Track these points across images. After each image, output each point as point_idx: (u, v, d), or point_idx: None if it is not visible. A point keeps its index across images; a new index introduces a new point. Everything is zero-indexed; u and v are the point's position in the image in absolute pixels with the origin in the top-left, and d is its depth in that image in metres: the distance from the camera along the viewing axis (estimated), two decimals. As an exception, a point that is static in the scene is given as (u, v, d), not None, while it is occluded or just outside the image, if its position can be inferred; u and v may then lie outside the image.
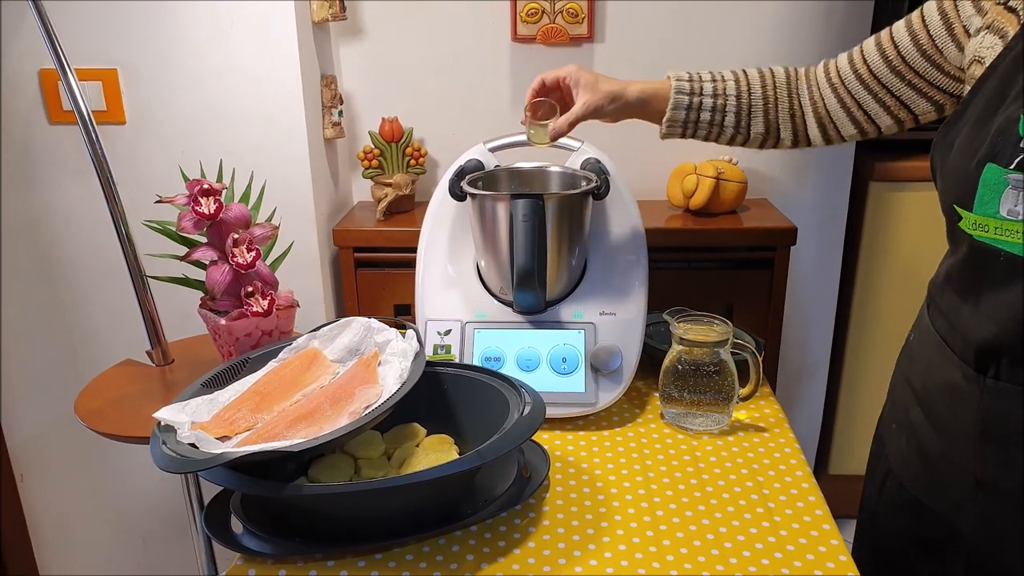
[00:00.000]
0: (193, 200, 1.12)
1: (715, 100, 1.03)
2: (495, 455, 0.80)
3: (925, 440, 0.86)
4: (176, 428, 0.84)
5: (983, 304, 0.76)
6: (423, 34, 1.67)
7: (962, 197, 0.75)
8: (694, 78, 1.04)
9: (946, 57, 0.88)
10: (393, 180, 1.66)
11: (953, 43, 0.86)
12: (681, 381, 1.05)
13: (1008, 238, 0.71)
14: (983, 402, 0.77)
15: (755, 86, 1.03)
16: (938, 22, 0.87)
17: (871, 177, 1.77)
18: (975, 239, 0.74)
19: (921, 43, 0.89)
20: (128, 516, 1.80)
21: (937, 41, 0.88)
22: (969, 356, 0.79)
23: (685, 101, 1.03)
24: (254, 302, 1.15)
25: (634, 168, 1.23)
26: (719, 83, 1.04)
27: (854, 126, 1.00)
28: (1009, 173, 0.70)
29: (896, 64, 0.92)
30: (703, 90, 1.03)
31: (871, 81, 0.96)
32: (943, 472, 0.84)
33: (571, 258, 1.11)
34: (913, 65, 0.91)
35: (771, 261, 1.59)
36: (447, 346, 1.11)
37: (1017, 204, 0.69)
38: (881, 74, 0.94)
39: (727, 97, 1.03)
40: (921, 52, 0.90)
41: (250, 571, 0.81)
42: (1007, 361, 0.75)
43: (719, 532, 0.86)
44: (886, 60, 0.93)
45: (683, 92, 1.03)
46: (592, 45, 1.66)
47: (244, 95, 1.48)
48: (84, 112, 1.18)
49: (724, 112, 1.03)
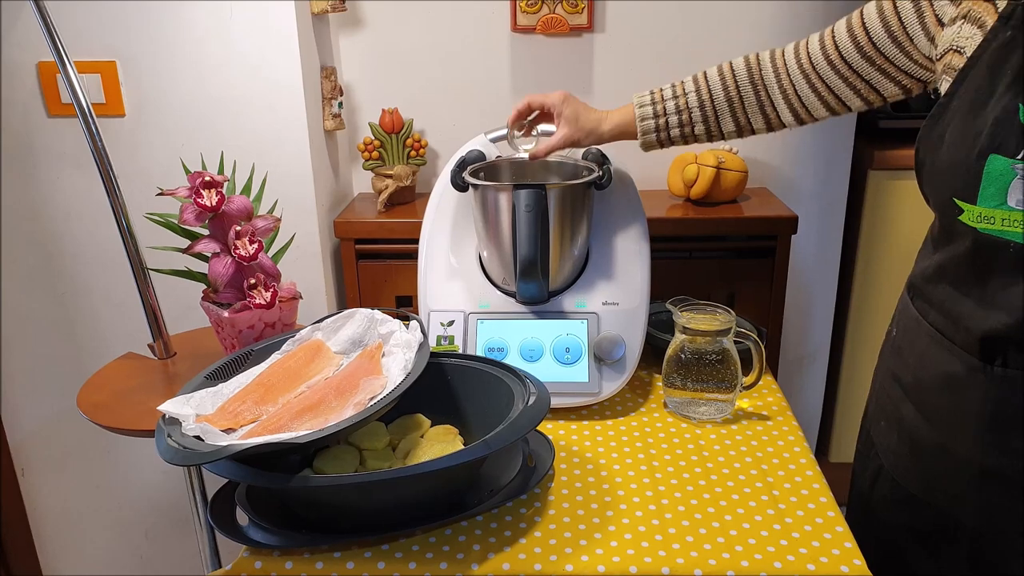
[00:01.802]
0: (195, 192, 1.12)
1: (680, 115, 1.06)
2: (500, 445, 0.80)
3: (918, 434, 0.86)
4: (181, 421, 0.84)
5: (990, 295, 0.76)
6: (423, 25, 1.66)
7: (963, 190, 0.74)
8: (656, 99, 1.08)
9: (915, 45, 0.88)
10: (394, 171, 1.66)
11: (923, 31, 0.86)
12: (684, 370, 1.05)
13: (1017, 228, 0.70)
14: (989, 391, 0.77)
15: (716, 89, 1.05)
16: (910, 9, 0.86)
17: (870, 166, 1.77)
18: (980, 231, 0.74)
19: (892, 29, 0.89)
20: (130, 510, 1.80)
21: (908, 28, 0.88)
22: (973, 346, 0.78)
23: (652, 124, 1.07)
24: (257, 294, 1.15)
25: (635, 158, 1.23)
26: (680, 98, 1.06)
27: (825, 108, 1.01)
28: (1016, 163, 0.69)
29: (866, 49, 0.93)
30: (666, 109, 1.06)
31: (841, 65, 0.96)
32: (940, 465, 0.84)
33: (573, 248, 1.11)
34: (883, 50, 0.91)
35: (772, 250, 1.59)
36: (450, 337, 1.11)
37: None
38: (851, 58, 0.95)
39: (691, 109, 1.06)
40: (891, 38, 0.90)
41: (256, 563, 0.81)
42: (1015, 349, 0.75)
43: (724, 520, 0.86)
44: (856, 44, 0.94)
45: (648, 117, 1.07)
46: (592, 35, 1.66)
47: (244, 87, 1.47)
48: (83, 105, 1.17)
49: (692, 123, 1.06)
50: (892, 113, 1.76)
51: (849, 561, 0.79)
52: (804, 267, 1.83)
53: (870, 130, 1.80)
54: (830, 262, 1.85)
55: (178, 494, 1.77)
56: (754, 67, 1.04)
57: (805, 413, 1.98)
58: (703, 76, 1.06)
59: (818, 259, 1.84)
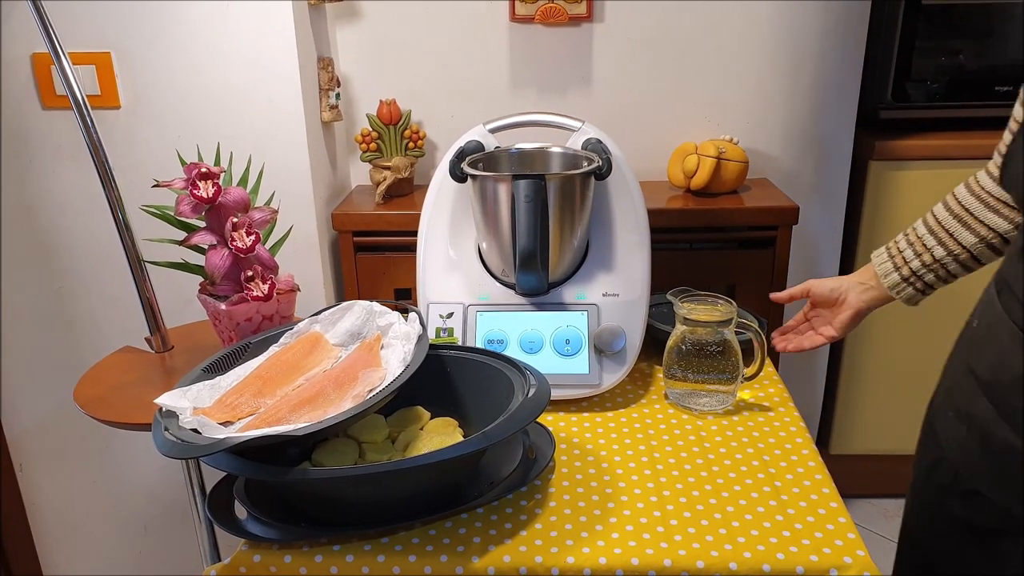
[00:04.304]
0: (191, 184, 1.11)
1: (931, 270, 1.01)
2: (500, 437, 0.79)
3: (992, 431, 0.81)
4: (178, 414, 0.83)
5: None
6: (421, 15, 1.65)
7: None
8: (900, 263, 1.03)
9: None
10: (392, 163, 1.65)
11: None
12: (685, 361, 1.04)
13: None
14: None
15: (960, 233, 0.98)
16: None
17: (871, 156, 1.76)
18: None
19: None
20: (129, 504, 1.80)
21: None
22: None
23: (908, 293, 1.03)
24: (254, 286, 1.14)
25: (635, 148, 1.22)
26: (916, 243, 1.02)
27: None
28: None
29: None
30: (913, 270, 1.02)
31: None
32: (1010, 463, 0.79)
33: (573, 239, 1.10)
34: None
35: (773, 240, 1.58)
36: (449, 329, 1.10)
37: None
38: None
39: (944, 261, 1.00)
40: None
41: (255, 557, 0.81)
42: None
43: (726, 511, 0.85)
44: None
45: (898, 286, 1.04)
46: (591, 25, 1.64)
47: (240, 78, 1.46)
48: (78, 96, 1.16)
49: (948, 270, 1.00)
50: (893, 103, 1.75)
51: (852, 552, 0.79)
52: (805, 258, 1.82)
53: (871, 120, 1.79)
54: (831, 253, 1.85)
55: (177, 488, 1.76)
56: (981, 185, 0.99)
57: (806, 405, 1.97)
58: (934, 222, 1.00)
59: (819, 250, 1.84)
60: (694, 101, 1.71)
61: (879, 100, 1.76)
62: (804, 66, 1.68)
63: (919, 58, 1.72)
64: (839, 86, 1.71)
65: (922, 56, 1.72)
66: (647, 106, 1.71)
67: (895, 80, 1.73)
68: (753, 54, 1.67)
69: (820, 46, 1.67)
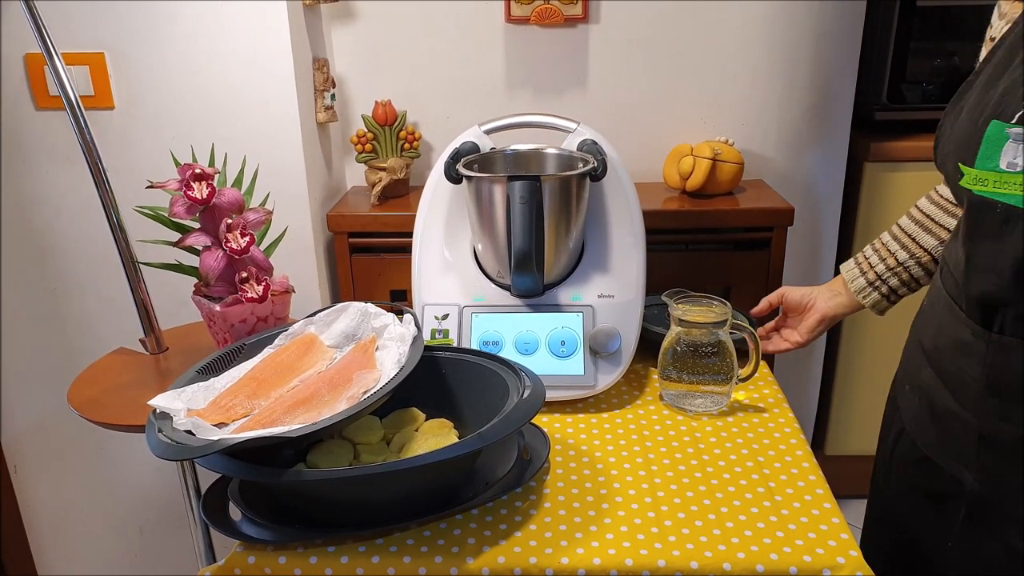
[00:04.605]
0: (185, 185, 1.11)
1: (899, 277, 1.07)
2: (495, 438, 0.79)
3: (935, 398, 0.88)
4: (172, 415, 0.83)
5: (982, 257, 0.79)
6: (416, 16, 1.65)
7: (965, 155, 0.77)
8: (866, 268, 1.11)
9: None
10: (387, 164, 1.65)
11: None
12: (680, 362, 1.04)
13: (1006, 190, 0.74)
14: (987, 357, 0.80)
15: (923, 239, 1.05)
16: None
17: (867, 158, 1.76)
18: (974, 193, 0.77)
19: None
20: (124, 506, 1.79)
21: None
22: (974, 312, 0.81)
23: (875, 298, 1.09)
24: (249, 288, 1.14)
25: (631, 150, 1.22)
26: (887, 258, 1.08)
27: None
28: (1010, 127, 0.73)
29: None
30: (881, 276, 1.08)
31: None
32: (951, 428, 0.86)
33: (568, 240, 1.10)
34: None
35: (768, 242, 1.58)
36: (445, 330, 1.10)
37: (1016, 157, 0.72)
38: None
39: (907, 268, 1.06)
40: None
41: (249, 558, 0.81)
42: (1011, 315, 0.77)
43: (720, 512, 0.85)
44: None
45: (864, 290, 1.10)
46: (587, 26, 1.65)
47: (235, 79, 1.46)
48: (71, 97, 1.16)
49: (914, 277, 1.07)
50: (888, 105, 1.75)
51: (845, 552, 0.79)
52: (800, 259, 1.82)
53: (866, 122, 1.79)
54: (826, 254, 1.85)
55: (172, 489, 1.76)
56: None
57: (802, 406, 1.98)
58: (900, 233, 1.08)
59: (814, 251, 1.84)
60: (690, 102, 1.71)
61: (874, 102, 1.76)
62: (799, 68, 1.68)
63: (914, 60, 1.72)
64: (834, 88, 1.72)
65: (917, 58, 1.72)
66: (643, 107, 1.71)
67: (890, 82, 1.74)
68: (748, 56, 1.67)
69: (815, 48, 1.67)
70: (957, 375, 0.84)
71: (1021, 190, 0.72)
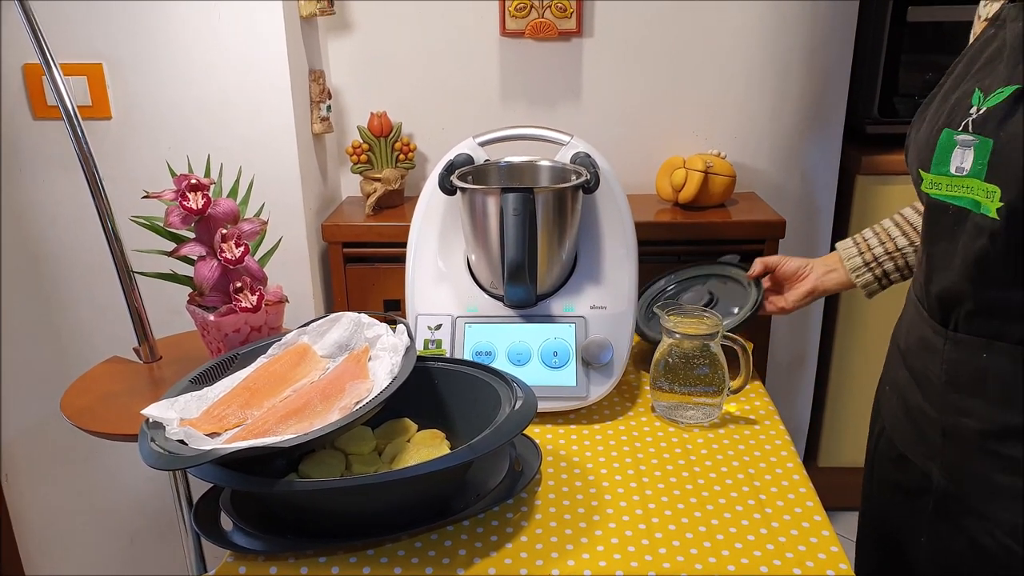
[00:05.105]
0: (181, 195, 1.11)
1: (894, 260, 1.09)
2: (487, 449, 0.80)
3: (908, 396, 0.92)
4: (165, 425, 0.83)
5: (939, 257, 0.84)
6: (412, 28, 1.66)
7: (924, 160, 0.83)
8: (864, 249, 1.12)
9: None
10: (382, 175, 1.66)
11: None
12: (671, 374, 1.05)
13: (956, 192, 0.79)
14: (946, 353, 0.84)
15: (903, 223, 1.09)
16: None
17: (858, 171, 1.77)
18: (931, 196, 0.83)
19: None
20: (115, 515, 1.79)
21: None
22: (935, 311, 0.86)
23: (868, 278, 1.11)
24: (243, 298, 1.14)
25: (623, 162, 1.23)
26: (886, 242, 1.10)
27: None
28: (958, 134, 0.78)
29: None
30: (877, 259, 1.10)
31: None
32: (920, 424, 0.90)
33: (561, 252, 1.11)
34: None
35: (760, 254, 1.59)
36: (438, 341, 1.11)
37: (963, 161, 0.78)
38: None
39: (904, 253, 1.09)
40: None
41: (240, 568, 0.81)
42: (964, 313, 0.81)
43: (711, 524, 0.86)
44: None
45: (859, 269, 1.11)
46: (581, 40, 1.66)
47: (232, 90, 1.47)
48: (69, 107, 1.16)
49: (903, 254, 1.09)
50: (880, 118, 1.77)
51: (835, 565, 0.79)
52: (792, 271, 1.83)
53: (858, 135, 1.81)
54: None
55: (163, 499, 1.75)
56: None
57: (794, 418, 1.98)
58: (901, 220, 1.10)
59: (806, 263, 1.84)
60: (682, 115, 1.72)
61: (866, 115, 1.78)
62: (791, 81, 1.70)
63: (905, 73, 1.74)
64: (826, 101, 1.73)
65: (908, 71, 1.74)
66: (636, 120, 1.72)
67: (881, 95, 1.76)
68: (740, 69, 1.68)
69: (807, 61, 1.69)
70: (923, 372, 0.88)
71: (967, 192, 0.77)
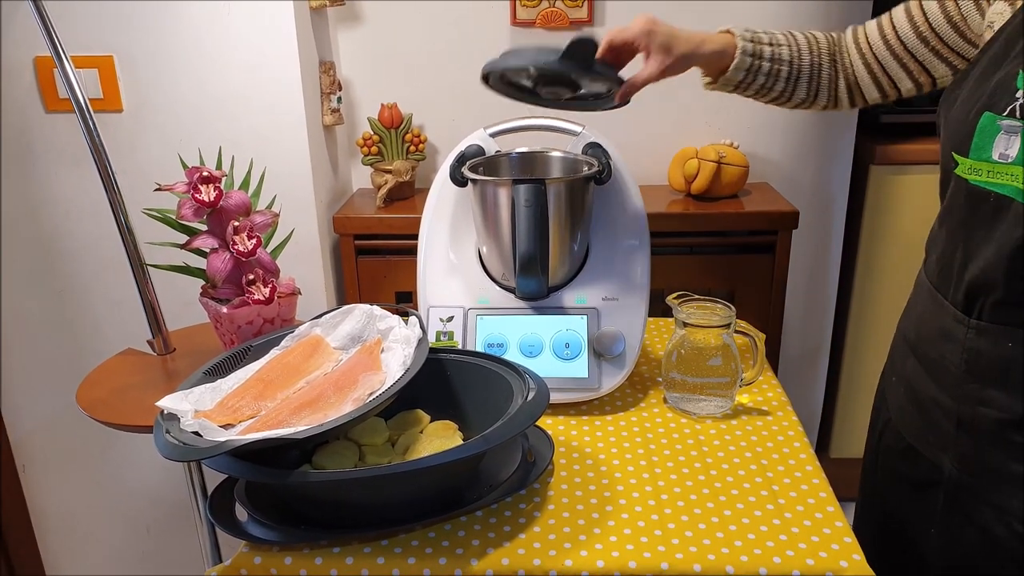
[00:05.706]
0: (193, 188, 1.11)
1: (771, 65, 1.06)
2: (500, 440, 0.80)
3: (918, 387, 0.91)
4: (179, 416, 0.83)
5: (972, 245, 0.82)
6: (422, 19, 1.66)
7: (960, 145, 0.80)
8: (757, 40, 1.06)
9: (969, 25, 0.92)
10: (393, 167, 1.66)
11: (977, 10, 0.90)
12: (684, 365, 1.04)
13: (999, 180, 0.76)
14: (966, 342, 0.83)
15: (804, 53, 1.07)
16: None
17: (872, 161, 1.76)
18: (970, 183, 0.80)
19: (949, 11, 0.93)
20: (131, 506, 1.80)
21: (963, 8, 0.92)
22: (959, 299, 0.84)
23: (748, 62, 1.06)
24: (255, 290, 1.15)
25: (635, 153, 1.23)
26: (775, 47, 1.06)
27: (877, 90, 1.05)
28: (1001, 119, 0.76)
29: (923, 31, 0.97)
30: (762, 54, 1.06)
31: (898, 47, 1.00)
32: (932, 416, 0.89)
33: (573, 243, 1.11)
34: (939, 31, 0.95)
35: (773, 245, 1.59)
36: (450, 332, 1.11)
37: (1008, 148, 0.75)
38: (908, 40, 0.98)
39: (781, 63, 1.06)
40: (948, 19, 0.94)
41: (255, 559, 0.81)
42: (991, 301, 0.80)
43: (723, 515, 0.86)
44: (914, 27, 0.97)
45: (747, 54, 1.06)
46: (592, 29, 1.65)
47: (242, 82, 1.47)
48: (81, 100, 1.17)
49: (776, 77, 1.07)
50: (894, 108, 1.75)
51: (848, 556, 0.79)
52: (805, 263, 1.82)
53: (872, 125, 1.79)
54: (831, 258, 1.85)
55: (179, 490, 1.77)
56: (832, 42, 1.07)
57: (807, 409, 1.97)
58: (792, 35, 1.07)
59: (819, 255, 1.84)
60: (695, 105, 1.71)
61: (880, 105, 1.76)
62: (804, 71, 1.68)
63: (919, 63, 1.72)
64: (839, 90, 1.72)
65: (923, 61, 1.72)
66: (648, 110, 1.71)
67: (895, 84, 1.74)
68: (753, 58, 1.67)
69: (820, 51, 1.67)
70: (939, 362, 0.87)
71: (1012, 180, 0.75)
